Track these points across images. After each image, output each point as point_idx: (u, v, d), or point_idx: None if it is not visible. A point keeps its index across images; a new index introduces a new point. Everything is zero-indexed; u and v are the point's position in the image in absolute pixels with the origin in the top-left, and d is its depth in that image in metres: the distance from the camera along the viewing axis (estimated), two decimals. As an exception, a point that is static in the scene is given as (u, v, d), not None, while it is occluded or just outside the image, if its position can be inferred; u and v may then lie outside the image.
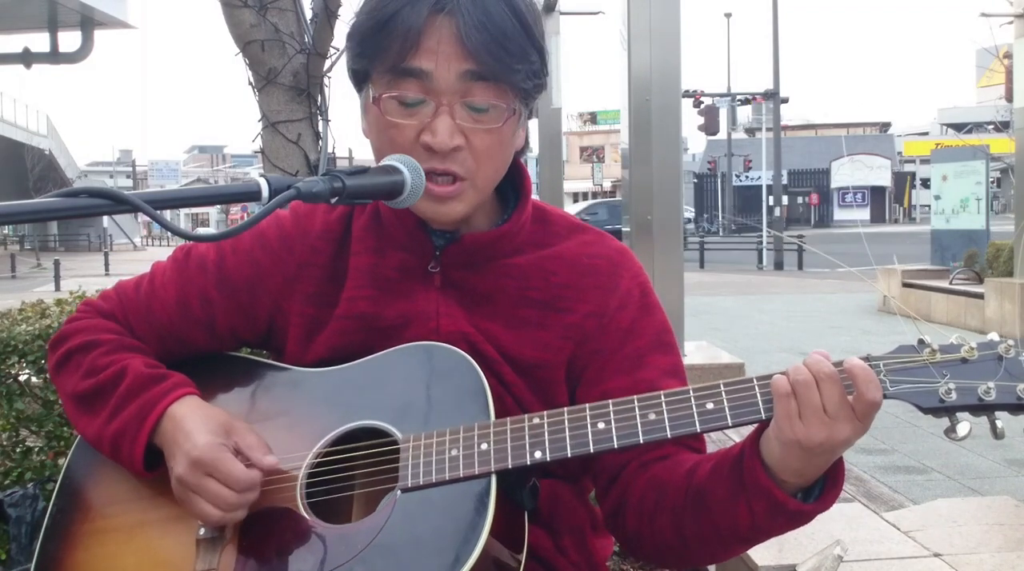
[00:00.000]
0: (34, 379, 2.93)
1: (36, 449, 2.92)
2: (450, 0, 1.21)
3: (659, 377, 1.32)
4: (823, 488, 1.16)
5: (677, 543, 1.25)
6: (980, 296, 11.37)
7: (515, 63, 1.24)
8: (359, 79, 1.31)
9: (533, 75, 1.27)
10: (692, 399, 1.16)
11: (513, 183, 1.39)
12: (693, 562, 1.29)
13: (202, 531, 1.26)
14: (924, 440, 5.93)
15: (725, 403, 1.15)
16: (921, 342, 1.13)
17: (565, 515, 1.37)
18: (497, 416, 1.21)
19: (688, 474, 1.23)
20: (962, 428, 1.09)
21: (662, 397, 1.17)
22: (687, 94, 29.53)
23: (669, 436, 1.16)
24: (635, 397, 1.18)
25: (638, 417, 1.17)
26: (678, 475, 1.24)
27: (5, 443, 2.93)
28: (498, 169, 1.31)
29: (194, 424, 1.27)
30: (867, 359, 1.13)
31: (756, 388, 1.15)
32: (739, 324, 12.36)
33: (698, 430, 1.15)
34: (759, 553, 2.79)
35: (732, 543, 1.22)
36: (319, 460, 1.28)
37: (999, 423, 1.10)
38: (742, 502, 1.15)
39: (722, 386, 1.16)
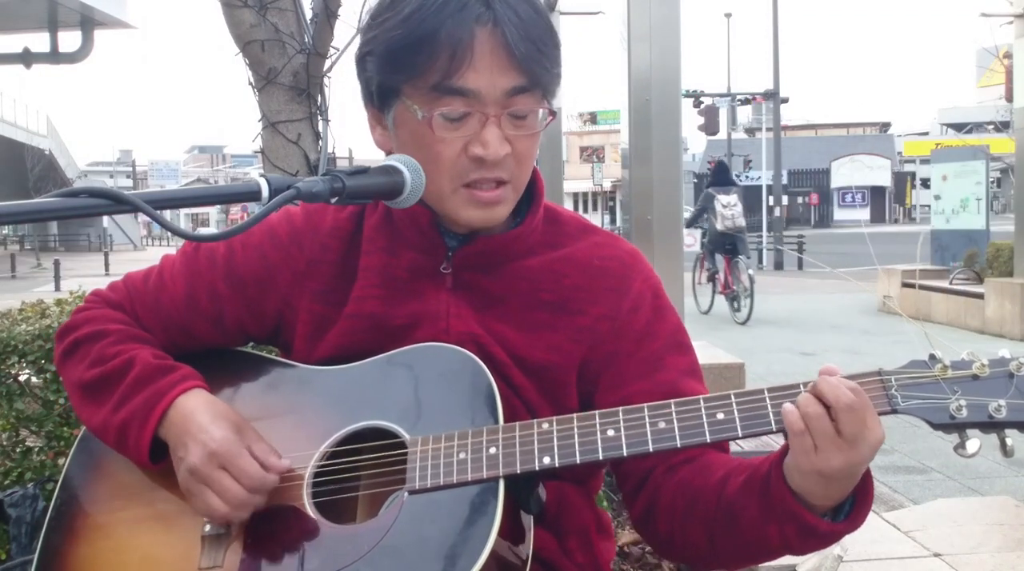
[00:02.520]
0: (34, 379, 2.92)
1: (36, 449, 2.92)
2: (490, 10, 1.20)
3: (679, 378, 1.32)
4: (853, 503, 1.15)
5: (708, 551, 1.26)
6: (980, 296, 11.37)
7: (554, 68, 1.25)
8: (384, 94, 1.28)
9: (558, 78, 1.28)
10: (703, 409, 1.16)
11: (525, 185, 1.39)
12: (724, 567, 1.30)
13: (207, 528, 1.25)
14: (924, 440, 5.93)
15: (736, 414, 1.15)
16: (932, 357, 1.13)
17: (571, 517, 1.37)
18: (505, 419, 1.21)
19: (719, 485, 1.22)
20: (972, 445, 1.10)
21: (672, 406, 1.17)
22: (687, 94, 29.52)
23: (679, 446, 1.16)
24: (645, 405, 1.18)
25: (648, 425, 1.16)
26: (709, 484, 1.24)
27: (5, 443, 2.92)
28: (531, 169, 1.33)
29: (207, 417, 1.27)
30: (879, 373, 1.13)
31: (767, 399, 1.15)
32: (739, 324, 12.35)
33: (708, 440, 1.15)
34: (759, 553, 2.79)
35: (763, 556, 1.23)
36: (326, 459, 1.27)
37: (1009, 440, 1.10)
38: (773, 525, 1.15)
39: (733, 397, 1.16)
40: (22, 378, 2.92)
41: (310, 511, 1.24)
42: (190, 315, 1.42)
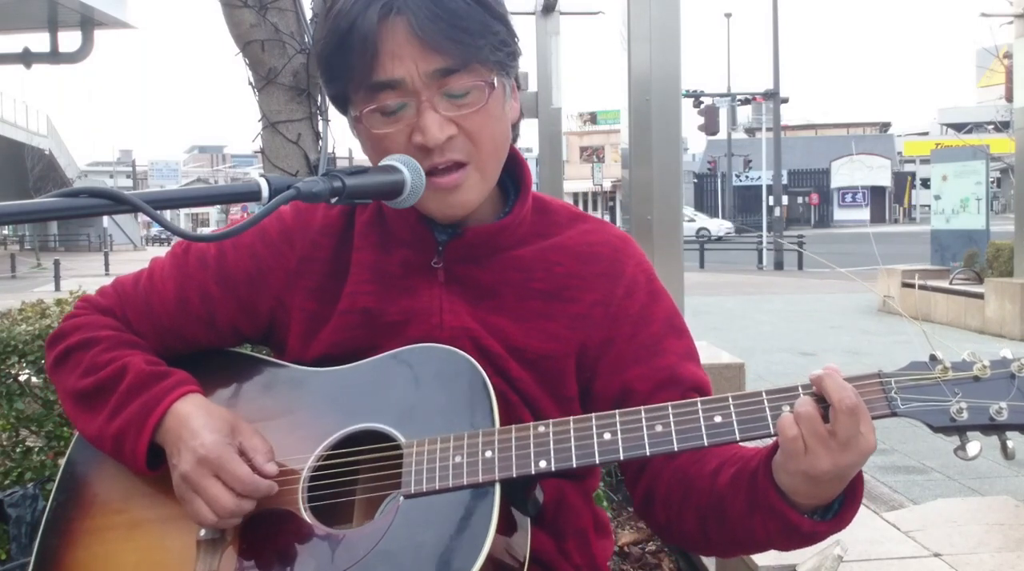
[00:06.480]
0: (34, 379, 2.93)
1: (36, 449, 2.92)
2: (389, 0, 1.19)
3: (677, 362, 1.32)
4: (842, 503, 1.15)
5: (702, 539, 1.27)
6: (980, 296, 11.37)
7: (477, 41, 1.22)
8: (341, 103, 1.30)
9: (501, 45, 1.25)
10: (700, 412, 1.15)
11: (512, 176, 1.38)
12: (718, 555, 1.31)
13: (203, 532, 1.25)
14: (924, 440, 5.93)
15: (734, 417, 1.13)
16: (933, 358, 1.11)
17: (569, 518, 1.36)
18: (503, 413, 1.21)
19: (712, 475, 1.22)
20: (972, 448, 1.08)
21: (669, 409, 1.16)
22: (687, 94, 29.51)
23: (676, 450, 1.14)
24: (642, 408, 1.17)
25: (645, 429, 1.15)
26: (703, 474, 1.24)
27: (5, 443, 2.93)
28: (498, 146, 1.30)
29: (200, 422, 1.26)
30: (879, 376, 1.12)
31: (765, 402, 1.13)
32: (739, 324, 12.35)
33: (705, 444, 1.14)
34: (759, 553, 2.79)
35: (753, 547, 1.24)
36: (321, 463, 1.27)
37: (1010, 443, 1.08)
38: (758, 520, 1.16)
39: (731, 399, 1.14)
40: (22, 378, 2.93)
41: (305, 515, 1.24)
42: (181, 317, 1.41)
